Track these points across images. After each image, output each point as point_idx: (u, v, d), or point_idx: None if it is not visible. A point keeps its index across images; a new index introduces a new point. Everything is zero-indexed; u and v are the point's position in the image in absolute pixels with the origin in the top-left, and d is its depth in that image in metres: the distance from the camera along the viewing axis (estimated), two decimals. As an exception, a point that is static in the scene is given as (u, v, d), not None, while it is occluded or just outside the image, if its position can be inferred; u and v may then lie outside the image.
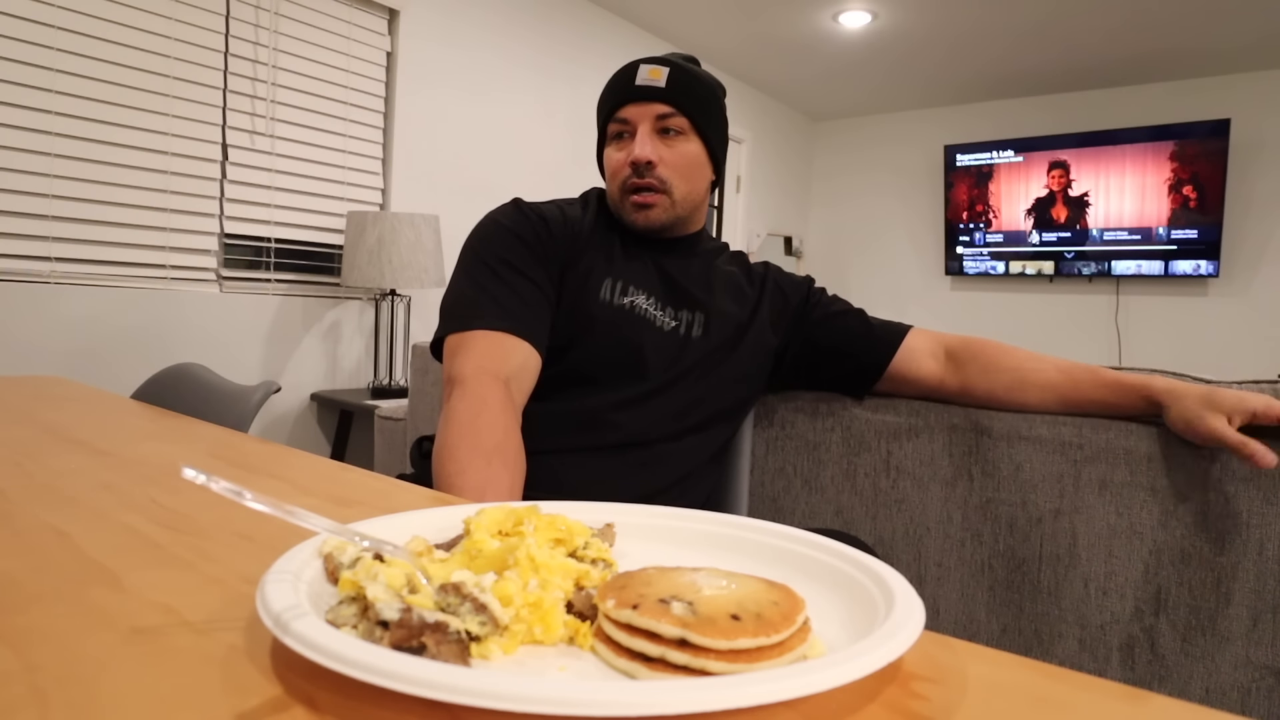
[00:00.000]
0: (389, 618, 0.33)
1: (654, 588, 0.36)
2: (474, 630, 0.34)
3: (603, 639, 0.35)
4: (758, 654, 0.32)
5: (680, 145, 0.99)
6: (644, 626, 0.33)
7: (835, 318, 1.09)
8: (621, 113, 0.99)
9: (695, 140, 1.00)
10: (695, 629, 0.32)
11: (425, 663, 0.29)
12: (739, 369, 1.04)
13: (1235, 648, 0.88)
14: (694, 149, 1.00)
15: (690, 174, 1.00)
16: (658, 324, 0.99)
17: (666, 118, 0.97)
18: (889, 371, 1.08)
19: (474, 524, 0.44)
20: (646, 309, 0.99)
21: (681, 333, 1.00)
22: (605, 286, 0.98)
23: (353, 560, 0.40)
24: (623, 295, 0.99)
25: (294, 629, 0.31)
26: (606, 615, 0.35)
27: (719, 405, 1.03)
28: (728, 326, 1.02)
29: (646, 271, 1.02)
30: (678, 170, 0.99)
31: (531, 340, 0.92)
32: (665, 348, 0.99)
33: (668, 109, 0.97)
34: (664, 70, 0.98)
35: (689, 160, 1.00)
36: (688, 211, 1.02)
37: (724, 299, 1.04)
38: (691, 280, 1.03)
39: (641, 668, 0.33)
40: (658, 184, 0.97)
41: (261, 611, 0.33)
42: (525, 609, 0.36)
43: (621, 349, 0.97)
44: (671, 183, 0.98)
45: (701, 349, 1.00)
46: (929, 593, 1.09)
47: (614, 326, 0.97)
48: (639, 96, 0.98)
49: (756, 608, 0.34)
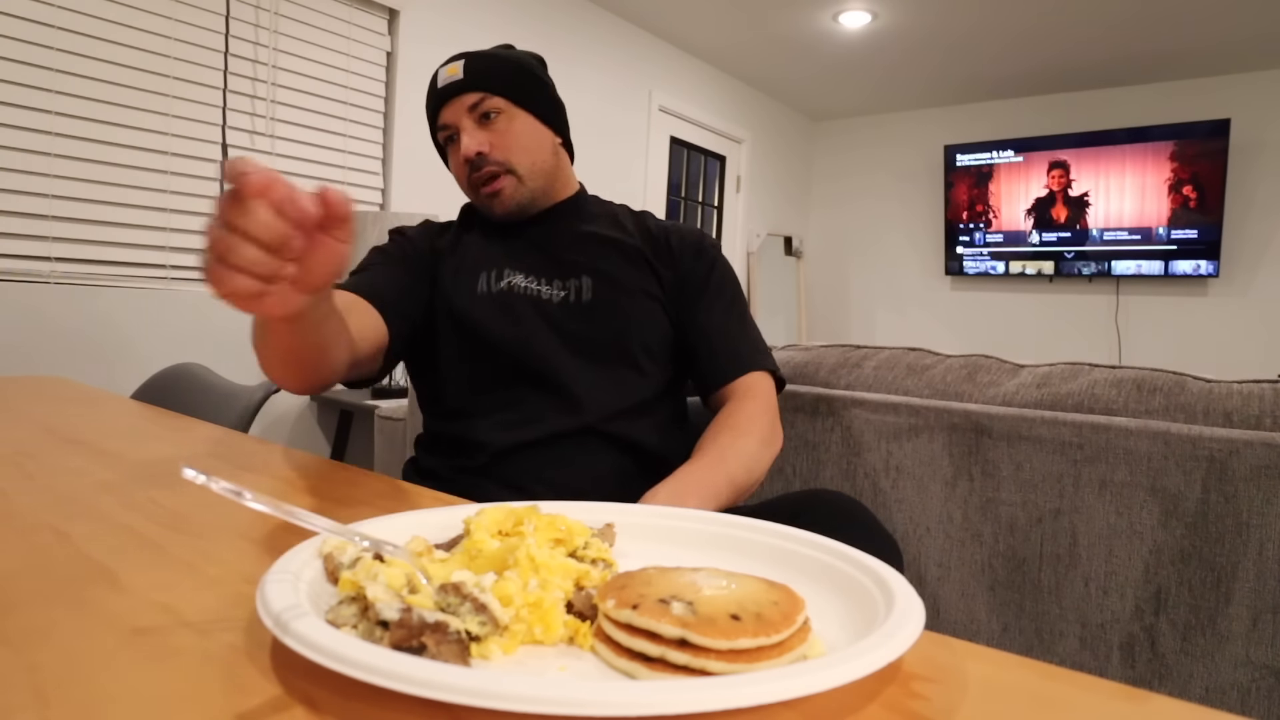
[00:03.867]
0: (389, 618, 0.33)
1: (654, 588, 0.36)
2: (474, 630, 0.34)
3: (603, 639, 0.35)
4: (758, 654, 0.32)
5: (503, 124, 0.98)
6: (644, 626, 0.33)
7: (708, 311, 1.01)
8: (441, 119, 1.00)
9: (518, 113, 0.99)
10: (695, 629, 0.32)
11: (425, 663, 0.29)
12: (644, 307, 1.00)
13: (1235, 647, 0.88)
14: (520, 123, 0.99)
15: (526, 146, 1.00)
16: (544, 297, 0.98)
17: (478, 105, 0.97)
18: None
19: (474, 524, 0.44)
20: (527, 286, 0.99)
21: (571, 300, 0.98)
22: (481, 279, 0.99)
23: (353, 560, 0.40)
24: (498, 280, 0.99)
25: (294, 629, 0.31)
26: (606, 615, 0.35)
27: (642, 341, 0.98)
28: (617, 283, 0.99)
29: (520, 251, 1.02)
30: (510, 148, 0.98)
31: (374, 300, 0.92)
32: (556, 313, 0.97)
33: (474, 96, 0.97)
34: (459, 64, 0.98)
35: (517, 134, 0.99)
36: (541, 182, 1.01)
37: (610, 255, 1.01)
38: (570, 246, 1.02)
39: (641, 668, 0.33)
40: (497, 168, 0.97)
41: (262, 611, 0.33)
42: (525, 609, 0.36)
43: (511, 328, 0.95)
44: (510, 161, 0.98)
45: (594, 308, 0.98)
46: (929, 593, 1.09)
47: (499, 310, 0.96)
48: (446, 96, 0.98)
49: (756, 608, 0.34)
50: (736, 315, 1.03)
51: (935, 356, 1.17)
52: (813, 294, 5.18)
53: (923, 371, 1.14)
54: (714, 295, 1.03)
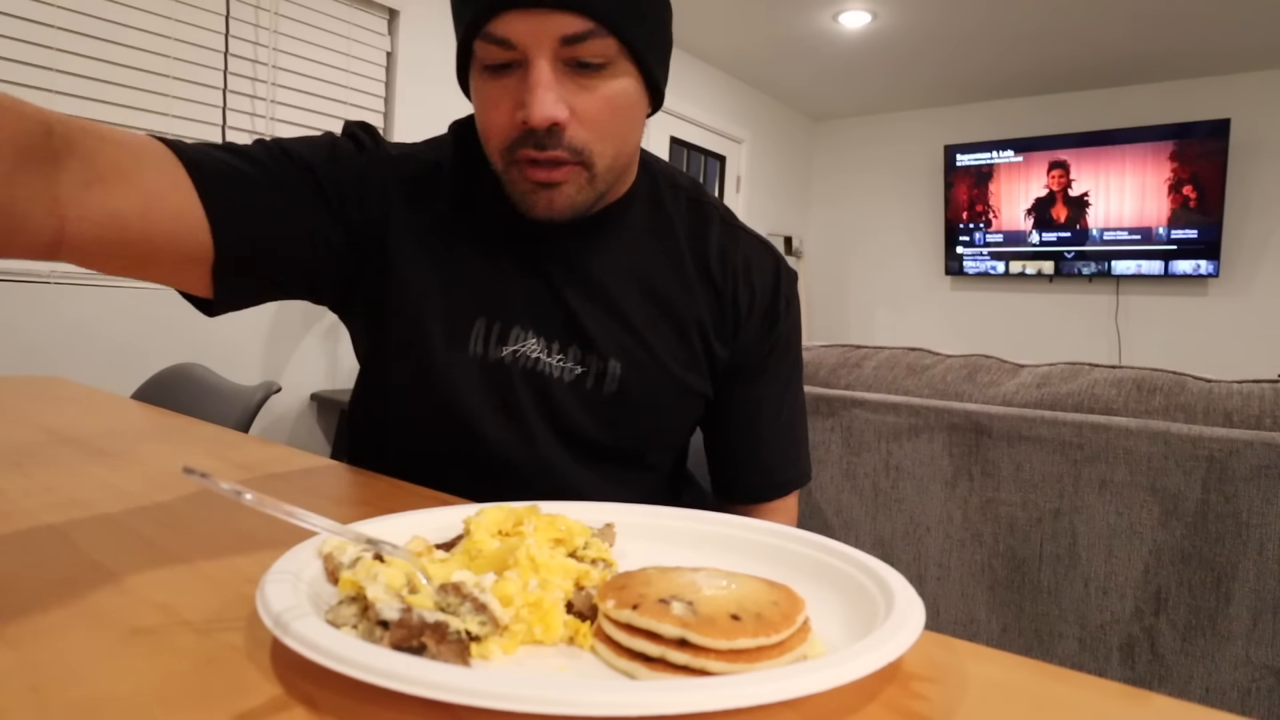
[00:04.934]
0: (389, 618, 0.33)
1: (654, 588, 0.36)
2: (474, 630, 0.34)
3: (603, 639, 0.35)
4: (758, 654, 0.32)
5: (603, 85, 0.61)
6: (644, 626, 0.33)
7: (757, 406, 0.78)
8: (497, 29, 0.58)
9: (627, 68, 0.61)
10: (695, 629, 0.32)
11: (425, 663, 0.29)
12: (682, 404, 0.75)
13: (1235, 648, 0.88)
14: (624, 86, 0.62)
15: (619, 128, 0.63)
16: (550, 374, 0.69)
17: (579, 41, 0.58)
18: None
19: (474, 524, 0.44)
20: (538, 357, 0.69)
21: (589, 386, 0.70)
22: (476, 333, 0.68)
23: (353, 560, 0.40)
24: (500, 343, 0.69)
25: (294, 629, 0.31)
26: (606, 615, 0.35)
27: (666, 439, 0.78)
28: (654, 369, 0.71)
29: (533, 289, 0.70)
30: (601, 126, 0.62)
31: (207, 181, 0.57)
32: (567, 404, 0.70)
33: (583, 24, 0.57)
34: None
35: (617, 106, 0.62)
36: (612, 181, 0.67)
37: (655, 324, 0.72)
38: (600, 298, 0.71)
39: (641, 668, 0.33)
40: (568, 154, 0.61)
41: (261, 612, 0.33)
42: (525, 609, 0.36)
43: (503, 422, 0.69)
44: (591, 148, 0.62)
45: (618, 404, 0.71)
46: (929, 593, 1.09)
47: (492, 390, 0.68)
48: (530, 1, 0.57)
49: (756, 608, 0.34)
50: (788, 410, 0.80)
51: (935, 356, 1.17)
52: (813, 294, 5.18)
53: (923, 371, 1.14)
54: (770, 381, 0.78)
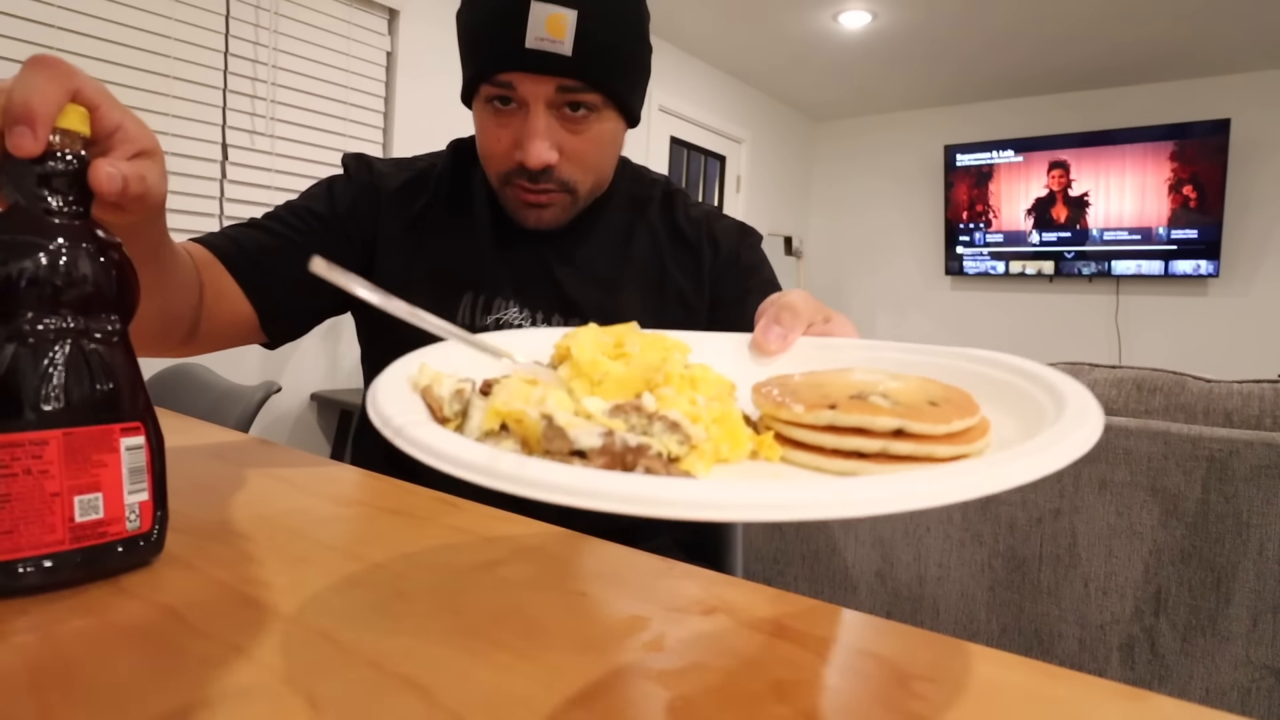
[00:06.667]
0: (588, 445, 0.28)
1: (833, 388, 0.33)
2: (673, 450, 0.31)
3: (793, 447, 0.32)
4: (968, 435, 0.30)
5: (590, 128, 0.73)
6: (852, 424, 0.30)
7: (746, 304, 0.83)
8: (503, 76, 0.70)
9: (608, 113, 0.73)
10: (910, 417, 0.29)
11: (688, 481, 0.25)
12: None
13: (1235, 648, 0.88)
14: (606, 127, 0.74)
15: (603, 160, 0.77)
16: None
17: (572, 91, 0.70)
18: None
19: (576, 345, 0.38)
20: (520, 324, 0.77)
21: None
22: (464, 304, 0.77)
23: (453, 392, 0.34)
24: (486, 311, 0.77)
25: (528, 472, 0.24)
26: (793, 421, 0.32)
27: None
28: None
29: (524, 266, 0.80)
30: (584, 160, 0.74)
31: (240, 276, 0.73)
32: None
33: (571, 82, 0.69)
34: (568, 18, 0.66)
35: (599, 143, 0.74)
36: (595, 193, 0.80)
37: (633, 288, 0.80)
38: (591, 266, 0.80)
39: (864, 464, 0.30)
40: (557, 186, 0.74)
41: (461, 471, 0.25)
42: (712, 424, 0.32)
43: None
44: (576, 179, 0.75)
45: None
46: (929, 592, 1.09)
47: None
48: (531, 66, 0.68)
49: (944, 395, 0.32)
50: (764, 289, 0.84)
51: (935, 356, 1.16)
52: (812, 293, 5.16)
53: (923, 371, 1.13)
54: (755, 298, 0.80)
